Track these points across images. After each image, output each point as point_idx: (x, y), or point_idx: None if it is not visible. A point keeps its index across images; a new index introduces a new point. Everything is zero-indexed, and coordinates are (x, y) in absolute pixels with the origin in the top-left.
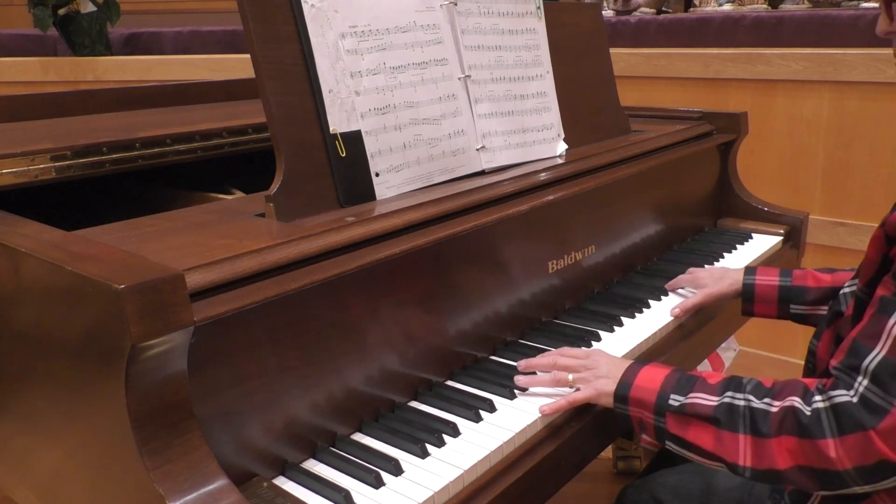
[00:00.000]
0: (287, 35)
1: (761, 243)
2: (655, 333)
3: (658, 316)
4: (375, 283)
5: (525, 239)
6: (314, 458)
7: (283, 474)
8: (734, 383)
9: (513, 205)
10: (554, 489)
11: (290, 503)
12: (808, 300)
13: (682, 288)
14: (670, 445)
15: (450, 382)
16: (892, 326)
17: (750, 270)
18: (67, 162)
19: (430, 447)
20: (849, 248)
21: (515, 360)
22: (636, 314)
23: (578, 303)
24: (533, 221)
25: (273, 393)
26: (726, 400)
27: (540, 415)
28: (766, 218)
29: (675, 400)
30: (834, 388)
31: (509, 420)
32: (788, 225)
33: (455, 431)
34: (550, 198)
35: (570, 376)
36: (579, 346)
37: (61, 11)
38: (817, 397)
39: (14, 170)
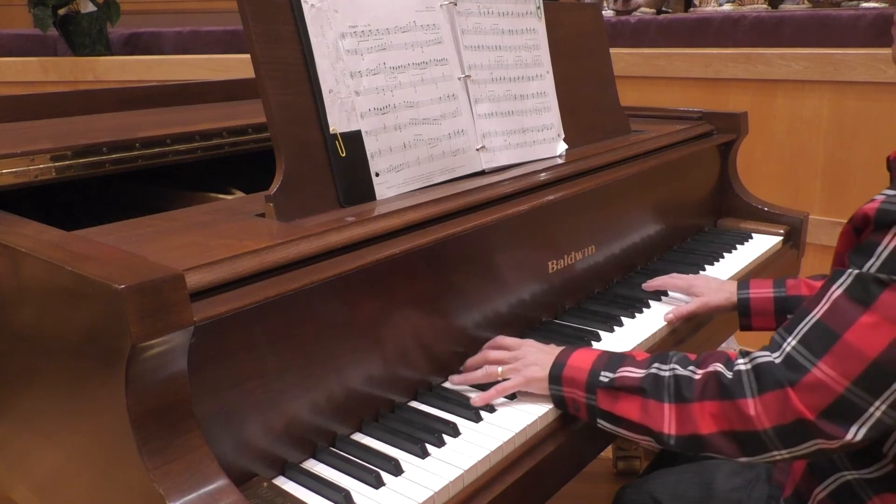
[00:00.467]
0: (287, 35)
1: (761, 243)
2: (655, 333)
3: (658, 316)
4: (375, 283)
5: (525, 239)
6: (314, 458)
7: (283, 474)
8: (661, 357)
9: (513, 205)
10: (554, 489)
11: (290, 503)
12: None
13: (666, 294)
14: (602, 423)
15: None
16: (834, 291)
17: (742, 284)
18: (67, 162)
19: (430, 447)
20: None
21: None
22: (636, 314)
23: (578, 303)
24: (533, 221)
25: (273, 393)
26: (652, 371)
27: (538, 415)
28: (766, 218)
29: (604, 376)
30: (760, 350)
31: (509, 420)
32: (788, 225)
33: (455, 431)
34: (550, 198)
35: (500, 369)
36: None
37: (61, 11)
38: (741, 360)
39: (14, 170)
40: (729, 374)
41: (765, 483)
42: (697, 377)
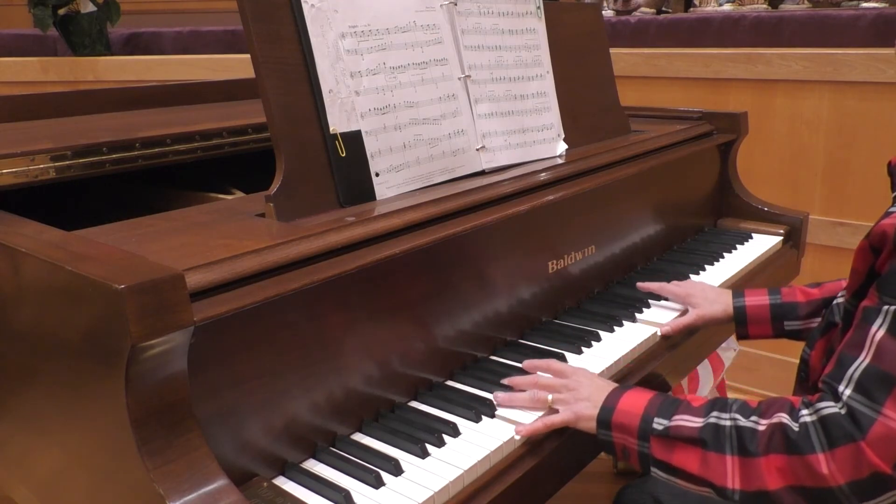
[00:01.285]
0: (287, 35)
1: (761, 243)
2: (655, 334)
3: (658, 316)
4: (375, 283)
5: (525, 239)
6: (314, 458)
7: (283, 474)
8: (720, 404)
9: (513, 205)
10: (554, 489)
11: (290, 503)
12: (801, 315)
13: (665, 299)
14: (656, 472)
15: (450, 382)
16: (875, 333)
17: (738, 293)
18: (67, 162)
19: (430, 447)
20: (849, 248)
21: (515, 360)
22: (636, 314)
23: (578, 303)
24: (533, 221)
25: (273, 393)
26: (712, 420)
27: (539, 415)
28: (766, 218)
29: (658, 423)
30: (821, 400)
31: (509, 420)
32: (788, 225)
33: (455, 431)
34: (550, 198)
35: (550, 397)
36: (579, 346)
37: (61, 11)
38: (804, 411)
39: (14, 170)
40: (795, 427)
41: None
42: (761, 428)
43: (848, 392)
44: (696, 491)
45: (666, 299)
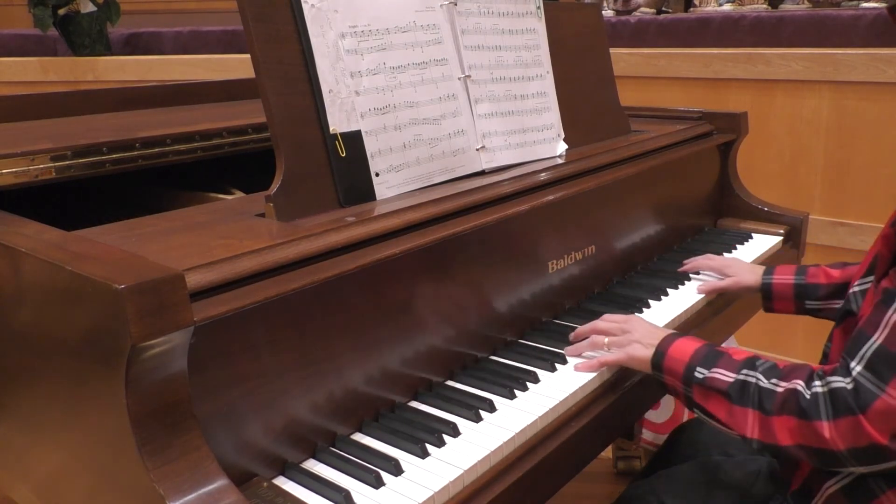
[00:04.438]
0: (287, 35)
1: (761, 243)
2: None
3: (659, 315)
4: (375, 283)
5: (525, 239)
6: (314, 458)
7: (283, 474)
8: (751, 363)
9: (513, 205)
10: (554, 489)
11: (290, 503)
12: (820, 296)
13: (666, 294)
14: (696, 412)
15: (450, 382)
16: (892, 316)
17: (769, 270)
18: (67, 162)
19: (430, 447)
20: (849, 248)
21: (515, 361)
22: (636, 314)
23: (578, 303)
24: (533, 221)
25: (273, 393)
26: (741, 377)
27: (538, 415)
28: (766, 218)
29: (699, 373)
30: (833, 374)
31: (509, 420)
32: (788, 225)
33: (455, 431)
34: (550, 198)
35: (606, 339)
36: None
37: (61, 11)
38: (817, 382)
39: (14, 170)
40: (807, 395)
41: (768, 478)
42: (779, 391)
43: (858, 368)
44: (727, 433)
45: (666, 294)
